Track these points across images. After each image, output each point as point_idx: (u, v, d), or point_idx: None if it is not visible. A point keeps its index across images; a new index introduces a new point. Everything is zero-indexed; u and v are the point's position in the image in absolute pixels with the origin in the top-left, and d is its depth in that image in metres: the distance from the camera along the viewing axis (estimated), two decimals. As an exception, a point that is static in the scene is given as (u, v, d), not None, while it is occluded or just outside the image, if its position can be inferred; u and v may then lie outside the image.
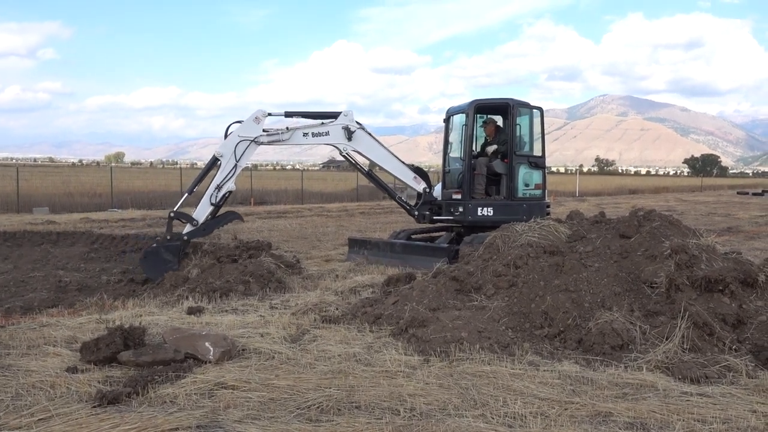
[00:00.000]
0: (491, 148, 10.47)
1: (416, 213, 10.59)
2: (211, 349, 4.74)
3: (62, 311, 6.50)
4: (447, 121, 11.04)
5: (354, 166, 10.53)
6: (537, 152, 10.73)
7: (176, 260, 8.48)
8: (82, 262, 10.08)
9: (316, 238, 14.11)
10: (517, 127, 10.41)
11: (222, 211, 9.38)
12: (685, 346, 4.78)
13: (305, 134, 9.71)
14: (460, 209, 10.13)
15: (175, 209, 8.93)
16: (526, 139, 10.68)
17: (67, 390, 4.07)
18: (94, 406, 3.78)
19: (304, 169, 60.58)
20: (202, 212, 9.01)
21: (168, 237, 8.75)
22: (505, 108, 10.46)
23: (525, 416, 3.69)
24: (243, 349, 5.00)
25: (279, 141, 9.56)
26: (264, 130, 9.47)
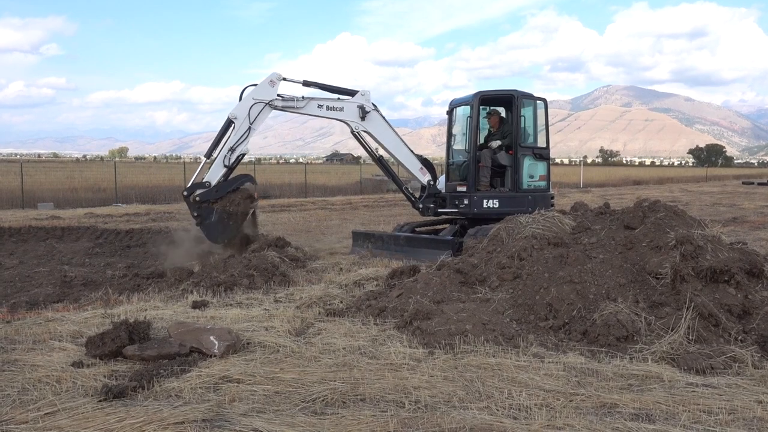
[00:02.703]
0: (495, 142, 10.42)
1: (420, 205, 10.53)
2: (216, 342, 4.75)
3: (67, 306, 6.52)
4: (450, 113, 10.99)
5: (364, 148, 10.35)
6: (541, 144, 10.69)
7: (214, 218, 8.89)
8: (86, 257, 10.11)
9: (320, 232, 14.12)
10: (522, 118, 10.36)
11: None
12: (690, 337, 4.76)
13: (320, 106, 9.62)
14: (465, 201, 10.08)
15: (186, 187, 9.03)
16: (531, 130, 10.64)
17: (72, 384, 4.08)
18: (100, 401, 3.79)
19: (307, 163, 60.53)
20: (214, 174, 9.03)
21: (196, 214, 8.88)
22: (510, 99, 10.40)
23: (530, 408, 3.69)
24: (248, 343, 5.01)
25: (294, 108, 9.49)
26: (279, 95, 9.37)
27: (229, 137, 9.26)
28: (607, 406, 3.76)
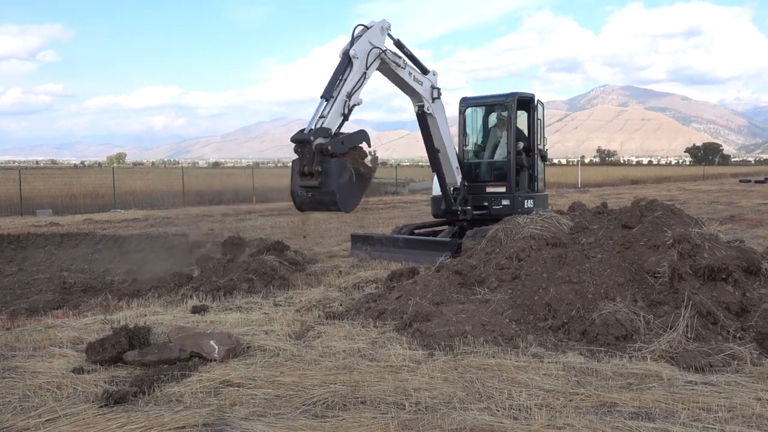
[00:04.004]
0: (519, 144, 10.53)
1: (459, 208, 10.11)
2: (216, 347, 4.76)
3: (67, 312, 6.53)
4: (463, 111, 11.00)
5: (424, 133, 9.67)
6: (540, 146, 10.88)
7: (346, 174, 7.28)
8: (86, 263, 10.10)
9: (318, 235, 14.14)
10: (538, 121, 10.54)
11: None
12: (689, 336, 4.78)
13: (410, 73, 9.06)
14: (505, 202, 10.12)
15: (305, 131, 7.24)
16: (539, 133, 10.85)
17: (73, 390, 4.09)
18: (101, 406, 3.80)
19: (305, 166, 60.37)
20: (333, 122, 7.52)
21: (319, 169, 7.12)
22: (530, 101, 10.58)
23: (530, 408, 3.70)
24: (248, 347, 5.02)
25: (395, 66, 8.66)
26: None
27: (345, 79, 7.78)
28: (607, 405, 3.77)
